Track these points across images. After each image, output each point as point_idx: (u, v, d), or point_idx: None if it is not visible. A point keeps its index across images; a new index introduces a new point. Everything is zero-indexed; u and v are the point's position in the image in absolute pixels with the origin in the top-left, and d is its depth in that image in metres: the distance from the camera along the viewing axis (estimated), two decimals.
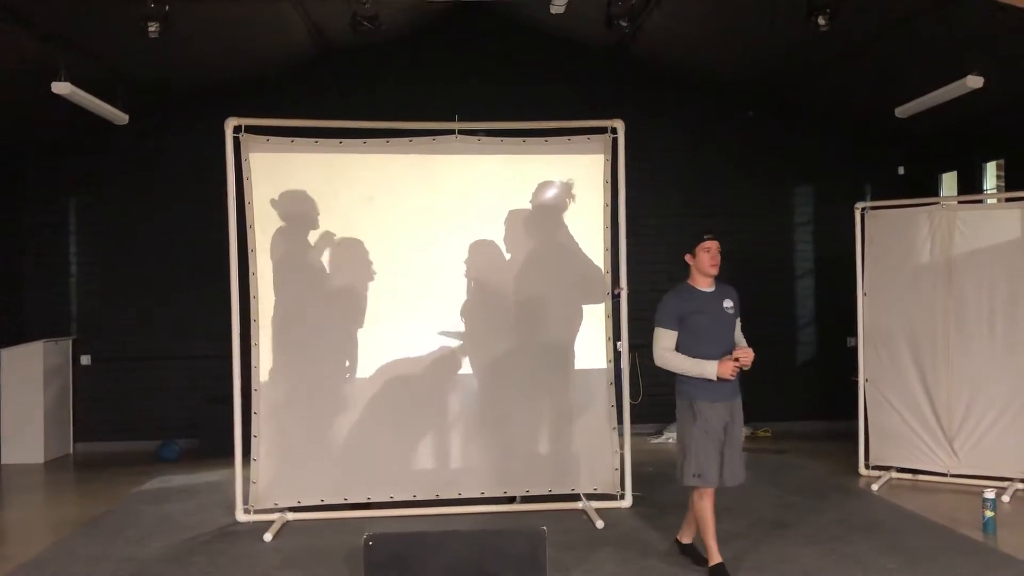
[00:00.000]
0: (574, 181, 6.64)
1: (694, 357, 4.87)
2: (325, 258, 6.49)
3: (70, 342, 9.35)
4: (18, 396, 8.72)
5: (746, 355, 4.81)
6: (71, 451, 9.28)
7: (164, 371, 9.41)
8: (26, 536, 6.35)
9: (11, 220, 9.20)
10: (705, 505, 4.96)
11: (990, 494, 5.82)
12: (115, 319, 9.40)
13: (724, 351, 4.87)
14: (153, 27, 5.70)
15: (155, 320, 9.39)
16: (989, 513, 5.76)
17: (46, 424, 8.81)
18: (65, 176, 9.42)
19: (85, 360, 9.41)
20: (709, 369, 4.82)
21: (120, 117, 7.72)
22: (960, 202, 7.71)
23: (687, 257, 5.04)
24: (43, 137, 8.95)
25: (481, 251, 6.57)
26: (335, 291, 6.50)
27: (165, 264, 9.37)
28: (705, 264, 4.95)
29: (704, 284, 5.00)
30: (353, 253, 6.50)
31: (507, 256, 6.62)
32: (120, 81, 7.76)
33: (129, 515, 6.62)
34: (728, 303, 4.99)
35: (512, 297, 6.63)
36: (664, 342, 4.94)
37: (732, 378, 4.85)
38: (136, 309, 9.38)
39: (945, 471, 7.14)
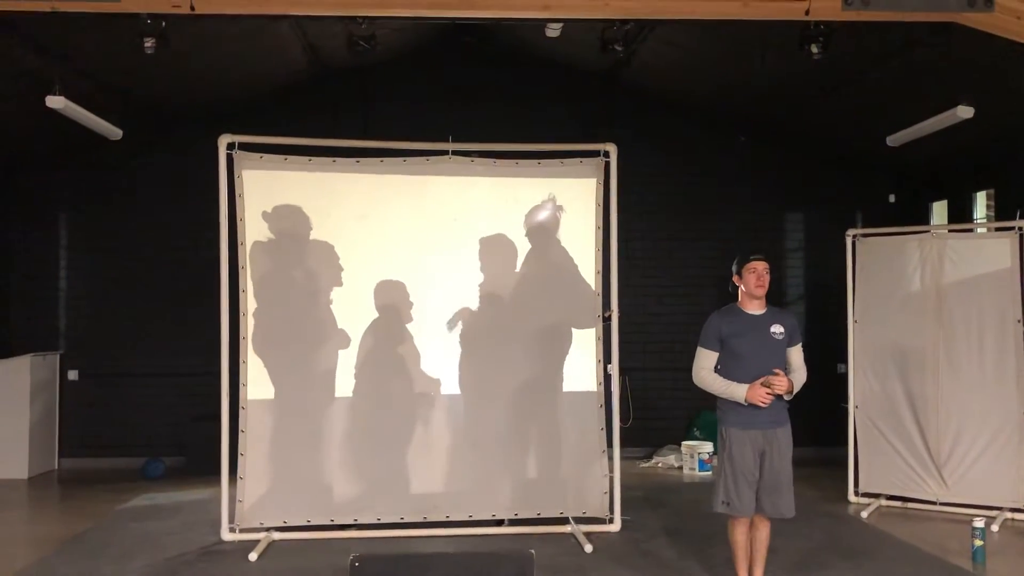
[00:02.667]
0: (566, 204, 6.65)
1: (731, 380, 4.74)
2: (314, 276, 6.47)
3: (58, 357, 9.28)
4: (4, 410, 8.62)
5: (778, 381, 4.65)
6: (56, 467, 9.19)
7: (151, 388, 9.34)
8: (8, 553, 6.26)
9: (0, 233, 9.15)
10: (735, 533, 4.90)
11: (979, 523, 5.80)
12: (103, 335, 9.34)
13: (767, 377, 4.66)
14: (149, 43, 5.68)
15: (143, 336, 9.33)
16: (978, 542, 5.74)
17: (31, 439, 8.73)
18: (56, 190, 9.39)
19: (72, 375, 9.34)
20: (739, 392, 4.69)
21: (114, 132, 7.71)
22: (950, 231, 7.76)
23: (735, 279, 4.89)
24: (34, 151, 8.92)
25: (473, 271, 6.57)
26: (324, 310, 6.46)
27: (154, 280, 9.33)
28: (751, 285, 4.80)
29: (752, 307, 4.85)
30: (343, 272, 6.48)
31: (499, 277, 6.62)
32: (114, 96, 7.75)
33: (113, 532, 6.55)
34: (777, 328, 4.79)
35: (503, 318, 6.61)
36: (702, 361, 4.85)
37: (764, 405, 4.66)
38: (125, 325, 9.33)
39: (934, 499, 7.13)
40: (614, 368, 6.57)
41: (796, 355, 4.90)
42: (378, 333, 6.49)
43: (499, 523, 6.48)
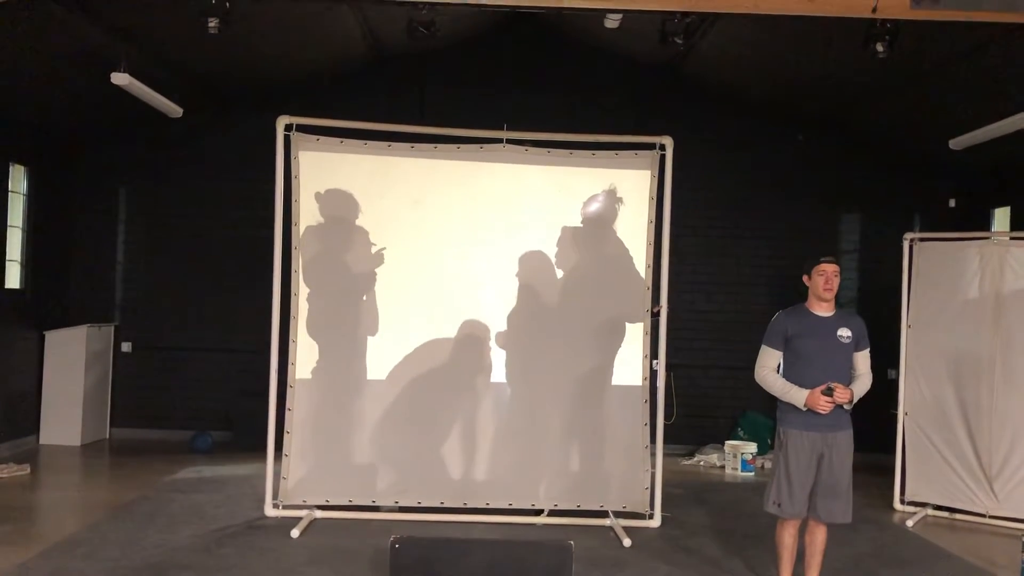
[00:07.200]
0: (620, 196, 6.62)
1: (794, 382, 4.69)
2: (365, 259, 6.52)
3: (112, 328, 9.50)
4: (60, 378, 8.86)
5: (840, 392, 4.58)
6: (107, 436, 9.41)
7: (202, 363, 9.51)
8: (60, 517, 6.45)
9: (62, 206, 9.36)
10: (782, 535, 4.86)
11: None
12: (157, 309, 9.54)
13: (831, 381, 4.62)
14: (213, 23, 5.77)
15: (196, 312, 9.50)
16: None
17: (85, 408, 8.94)
18: (117, 165, 9.58)
19: (126, 347, 9.54)
20: (798, 397, 4.64)
21: (175, 110, 7.84)
22: (1012, 238, 7.55)
23: (804, 278, 4.84)
24: (98, 126, 9.11)
25: (524, 261, 6.57)
26: (374, 293, 6.51)
27: (209, 257, 9.49)
28: (819, 287, 4.74)
29: (820, 308, 4.78)
30: (394, 256, 6.53)
31: (549, 268, 6.61)
32: (177, 75, 7.88)
33: (161, 502, 6.70)
34: (844, 332, 4.72)
35: (552, 309, 6.61)
36: (765, 360, 4.81)
37: (824, 411, 4.61)
38: (178, 300, 9.51)
39: (984, 512, 6.98)
40: (660, 364, 6.53)
41: (862, 360, 4.81)
42: (427, 318, 6.52)
43: (538, 513, 6.49)
